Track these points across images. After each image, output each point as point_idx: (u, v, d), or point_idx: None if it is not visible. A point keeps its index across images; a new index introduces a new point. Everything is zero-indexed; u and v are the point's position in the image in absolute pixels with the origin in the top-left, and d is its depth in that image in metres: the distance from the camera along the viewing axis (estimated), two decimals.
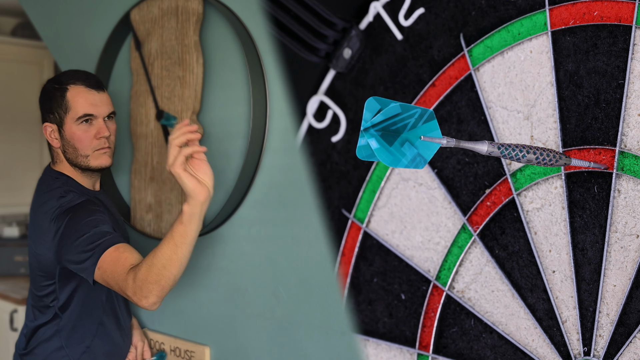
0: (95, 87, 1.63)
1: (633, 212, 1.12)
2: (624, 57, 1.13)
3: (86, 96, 1.61)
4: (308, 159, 1.54)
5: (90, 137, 1.61)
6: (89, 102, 1.61)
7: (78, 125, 1.60)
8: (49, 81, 1.66)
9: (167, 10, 1.80)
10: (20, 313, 3.10)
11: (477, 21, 1.30)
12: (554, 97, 1.21)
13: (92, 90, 1.62)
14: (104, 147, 1.63)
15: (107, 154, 1.65)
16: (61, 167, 1.67)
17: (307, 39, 1.51)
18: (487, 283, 1.29)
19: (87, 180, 1.68)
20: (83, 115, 1.60)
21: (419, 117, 0.71)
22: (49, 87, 1.63)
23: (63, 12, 2.17)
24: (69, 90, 1.61)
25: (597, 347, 1.16)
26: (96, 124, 1.62)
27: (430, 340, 1.35)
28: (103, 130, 1.62)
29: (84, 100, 1.60)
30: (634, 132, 1.12)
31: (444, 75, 1.34)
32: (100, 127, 1.62)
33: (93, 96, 1.62)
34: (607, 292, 1.14)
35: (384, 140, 0.71)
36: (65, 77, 1.63)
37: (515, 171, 1.26)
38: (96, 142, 1.62)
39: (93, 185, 1.71)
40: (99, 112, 1.62)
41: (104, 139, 1.62)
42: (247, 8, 1.63)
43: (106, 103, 1.64)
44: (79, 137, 1.61)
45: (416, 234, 1.38)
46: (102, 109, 1.63)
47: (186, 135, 1.36)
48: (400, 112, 0.69)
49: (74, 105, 1.60)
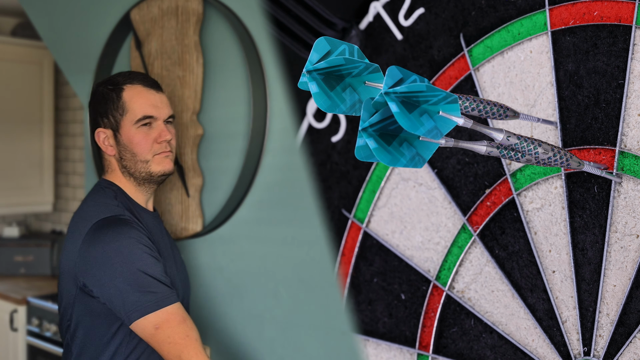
0: (154, 86, 1.48)
1: (633, 212, 1.12)
2: (624, 57, 1.13)
3: (146, 96, 1.45)
4: (308, 159, 1.54)
5: (150, 142, 1.44)
6: (149, 103, 1.45)
7: (137, 128, 1.44)
8: (101, 83, 1.50)
9: (167, 10, 1.80)
10: (20, 313, 3.10)
11: (477, 21, 1.30)
12: (554, 97, 1.21)
13: (151, 90, 1.46)
14: (165, 150, 1.46)
15: (170, 157, 1.48)
16: (113, 177, 1.49)
17: (307, 39, 1.51)
18: (487, 283, 1.29)
19: (142, 195, 1.50)
20: (143, 117, 1.43)
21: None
22: (102, 89, 1.47)
23: (63, 12, 2.17)
24: (125, 90, 1.44)
25: (597, 347, 1.16)
26: (157, 126, 1.45)
27: (430, 340, 1.35)
28: (165, 133, 1.45)
29: (144, 100, 1.44)
30: (634, 132, 1.12)
31: (444, 75, 1.34)
32: (162, 130, 1.45)
33: (153, 96, 1.46)
34: (607, 292, 1.14)
35: (382, 140, 0.69)
36: (121, 77, 1.48)
37: (515, 171, 1.26)
38: (157, 146, 1.45)
39: (146, 203, 1.52)
40: (160, 114, 1.46)
41: (165, 143, 1.46)
42: (247, 8, 1.63)
43: (166, 104, 1.48)
44: (138, 141, 1.44)
45: (416, 234, 1.38)
46: (163, 111, 1.47)
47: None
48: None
49: (132, 107, 1.43)
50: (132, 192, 1.48)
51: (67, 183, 3.84)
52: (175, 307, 1.34)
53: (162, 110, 1.46)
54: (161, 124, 1.46)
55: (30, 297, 3.11)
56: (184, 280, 1.54)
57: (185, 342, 1.31)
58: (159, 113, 1.45)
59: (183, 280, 1.53)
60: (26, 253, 3.56)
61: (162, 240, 1.49)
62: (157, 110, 1.45)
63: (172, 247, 1.55)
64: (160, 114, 1.46)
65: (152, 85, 1.47)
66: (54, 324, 2.98)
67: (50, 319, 3.01)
